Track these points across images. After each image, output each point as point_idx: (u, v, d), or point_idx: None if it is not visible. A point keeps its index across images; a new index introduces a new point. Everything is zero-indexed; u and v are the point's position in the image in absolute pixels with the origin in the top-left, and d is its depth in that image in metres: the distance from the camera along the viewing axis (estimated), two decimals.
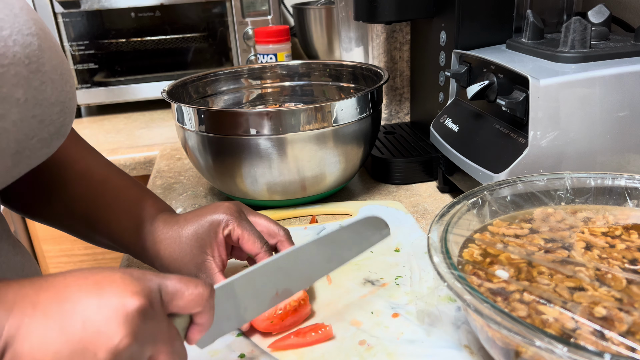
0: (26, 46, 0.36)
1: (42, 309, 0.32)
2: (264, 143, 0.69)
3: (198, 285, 0.38)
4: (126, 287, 0.33)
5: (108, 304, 0.32)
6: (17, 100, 0.35)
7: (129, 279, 0.34)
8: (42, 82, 0.37)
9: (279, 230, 0.55)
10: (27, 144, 0.37)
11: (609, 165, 0.60)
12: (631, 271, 0.43)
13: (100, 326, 0.32)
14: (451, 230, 0.47)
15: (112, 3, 1.25)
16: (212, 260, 0.52)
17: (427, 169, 0.83)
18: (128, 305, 0.33)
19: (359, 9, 0.81)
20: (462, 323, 0.50)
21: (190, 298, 0.37)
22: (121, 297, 0.33)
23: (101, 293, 0.33)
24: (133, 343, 0.32)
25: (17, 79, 0.35)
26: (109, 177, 0.56)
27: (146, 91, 1.33)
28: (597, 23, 0.66)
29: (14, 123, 0.35)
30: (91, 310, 0.32)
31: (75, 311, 0.32)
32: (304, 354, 0.48)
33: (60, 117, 0.40)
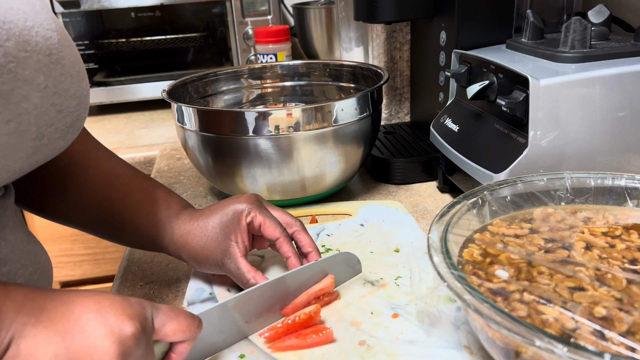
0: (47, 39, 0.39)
1: (48, 315, 0.34)
2: (264, 143, 0.69)
3: (187, 316, 0.41)
4: (124, 311, 0.36)
5: (107, 323, 0.35)
6: (38, 85, 0.37)
7: (127, 304, 0.37)
8: (61, 73, 0.40)
9: (294, 221, 0.59)
10: (46, 131, 0.39)
11: (609, 165, 0.60)
12: (631, 271, 0.43)
13: (97, 341, 0.34)
14: (451, 230, 0.47)
15: (112, 3, 1.25)
16: (235, 245, 0.55)
17: (427, 169, 0.83)
18: (124, 328, 0.36)
19: (359, 9, 0.81)
20: (462, 323, 0.50)
21: (179, 328, 0.40)
22: (119, 319, 0.36)
23: (102, 312, 0.36)
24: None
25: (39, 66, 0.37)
26: (134, 179, 0.59)
27: (146, 91, 1.33)
28: (597, 23, 0.66)
29: (34, 106, 0.37)
30: (91, 325, 0.35)
31: (78, 322, 0.35)
32: (303, 354, 0.48)
33: (77, 110, 0.43)
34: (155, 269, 0.65)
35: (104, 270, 1.20)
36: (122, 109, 1.37)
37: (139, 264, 0.66)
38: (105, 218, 0.58)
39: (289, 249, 0.56)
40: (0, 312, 0.33)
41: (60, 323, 0.34)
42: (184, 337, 0.41)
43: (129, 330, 0.36)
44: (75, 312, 0.35)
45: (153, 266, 0.66)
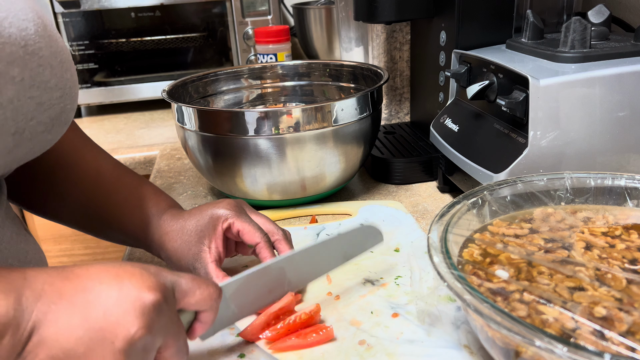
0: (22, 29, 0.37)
1: (68, 298, 0.34)
2: (264, 143, 0.69)
3: (209, 285, 0.41)
4: (144, 282, 0.36)
5: (127, 296, 0.35)
6: (12, 77, 0.36)
7: (146, 275, 0.37)
8: (39, 64, 0.38)
9: (277, 230, 0.58)
10: (27, 125, 0.38)
11: (609, 165, 0.60)
12: (631, 271, 0.43)
13: (119, 317, 0.35)
14: (451, 230, 0.47)
15: (112, 3, 1.25)
16: (207, 250, 0.54)
17: (427, 169, 0.83)
18: (145, 299, 0.36)
19: (359, 9, 0.81)
20: (462, 323, 0.50)
21: (200, 297, 0.41)
22: (139, 291, 0.36)
23: (121, 286, 0.36)
24: (147, 334, 0.35)
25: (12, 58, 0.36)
26: (121, 176, 0.59)
27: (146, 91, 1.33)
28: (597, 23, 0.66)
29: (10, 100, 0.36)
30: (111, 301, 0.35)
31: (97, 302, 0.35)
32: (303, 354, 0.48)
33: (60, 102, 0.41)
34: None
35: None
36: (122, 109, 1.37)
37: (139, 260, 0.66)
38: (92, 215, 0.58)
39: (267, 255, 0.55)
40: (20, 303, 0.33)
41: (81, 305, 0.34)
42: (204, 306, 0.41)
43: (150, 301, 0.36)
44: (95, 291, 0.35)
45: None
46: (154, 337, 0.36)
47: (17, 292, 0.33)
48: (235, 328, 0.52)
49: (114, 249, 1.18)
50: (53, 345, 0.33)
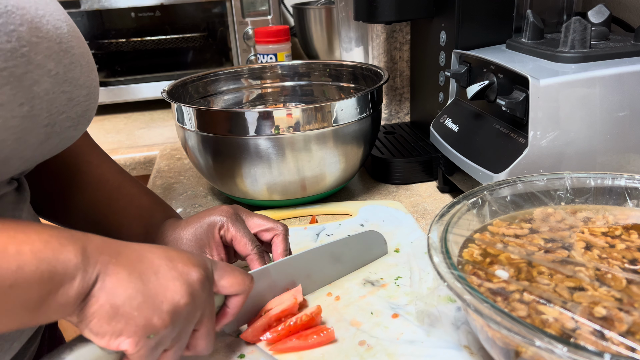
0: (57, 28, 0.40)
1: (126, 258, 0.39)
2: (264, 143, 0.69)
3: (243, 272, 0.46)
4: (190, 260, 0.42)
5: (176, 268, 0.40)
6: (49, 70, 0.39)
7: (191, 255, 0.42)
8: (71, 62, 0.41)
9: (276, 226, 0.58)
10: (57, 118, 0.41)
11: (609, 165, 0.60)
12: (631, 271, 0.43)
13: (169, 283, 0.39)
14: (451, 230, 0.47)
15: (112, 3, 1.25)
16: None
17: (427, 169, 0.83)
18: (192, 273, 0.41)
19: (359, 9, 0.81)
20: (462, 323, 0.50)
21: (235, 281, 0.45)
22: (186, 266, 0.41)
23: (171, 259, 0.41)
24: (191, 303, 0.40)
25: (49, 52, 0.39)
26: (122, 185, 0.60)
27: (146, 91, 1.33)
28: (597, 23, 0.66)
29: (46, 92, 0.39)
30: (163, 269, 0.40)
31: (151, 266, 0.40)
32: (304, 354, 0.48)
33: (87, 100, 0.44)
34: None
35: None
36: (122, 109, 1.37)
37: None
38: (93, 222, 0.59)
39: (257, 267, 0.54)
40: (86, 252, 0.37)
41: (137, 265, 0.39)
42: (238, 290, 0.45)
43: (195, 275, 0.41)
44: (149, 259, 0.40)
45: None
46: (195, 309, 0.41)
47: (82, 243, 0.37)
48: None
49: None
50: (114, 293, 0.37)
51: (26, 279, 0.34)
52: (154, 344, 0.39)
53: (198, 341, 0.43)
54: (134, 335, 0.38)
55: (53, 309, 0.36)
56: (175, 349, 0.41)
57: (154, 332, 0.38)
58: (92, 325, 0.37)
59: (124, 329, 0.37)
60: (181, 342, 0.42)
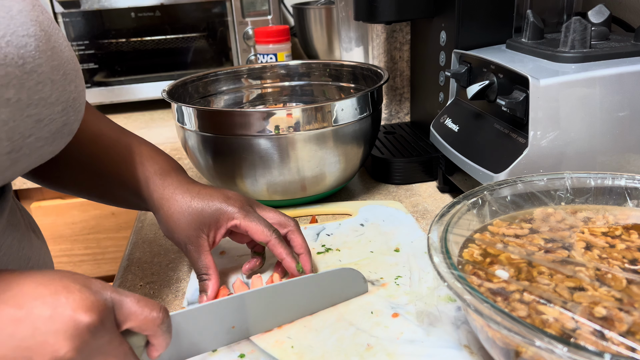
0: (21, 47, 0.36)
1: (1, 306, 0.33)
2: (264, 143, 0.69)
3: (153, 309, 0.39)
4: (81, 301, 0.35)
5: (60, 316, 0.34)
6: (7, 100, 0.35)
7: (86, 293, 0.35)
8: (38, 82, 0.37)
9: (288, 221, 0.58)
10: (23, 142, 0.37)
11: (609, 165, 0.60)
12: (631, 271, 0.43)
13: (49, 337, 0.33)
14: (451, 230, 0.47)
15: (112, 3, 1.25)
16: (205, 238, 0.55)
17: (427, 169, 0.83)
18: (79, 320, 0.34)
19: (359, 9, 0.81)
20: (461, 323, 0.50)
21: (143, 321, 0.39)
22: (74, 311, 0.34)
23: (56, 304, 0.34)
24: (77, 357, 0.34)
25: (7, 79, 0.35)
26: (120, 137, 0.59)
27: (146, 91, 1.33)
28: (597, 23, 0.66)
29: (4, 122, 0.35)
30: (42, 320, 0.33)
31: (28, 320, 0.33)
32: (304, 353, 0.48)
33: (63, 116, 0.40)
34: (155, 269, 0.65)
35: (104, 270, 1.20)
36: (122, 109, 1.37)
37: (139, 264, 0.66)
38: (94, 175, 0.58)
39: (282, 251, 0.55)
40: None
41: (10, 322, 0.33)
42: (148, 330, 0.40)
43: (84, 323, 0.34)
44: (27, 308, 0.34)
45: (153, 266, 0.66)
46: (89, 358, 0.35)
47: None
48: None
49: (114, 249, 1.18)
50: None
51: None
52: None
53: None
54: None
55: None
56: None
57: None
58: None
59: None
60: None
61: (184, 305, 0.57)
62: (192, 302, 0.57)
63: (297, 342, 0.50)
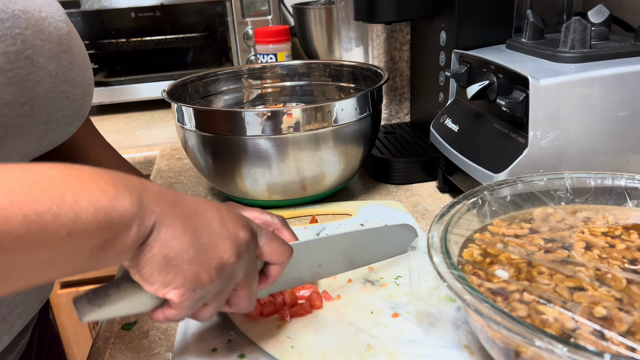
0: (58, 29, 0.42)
1: (181, 210, 0.40)
2: (264, 143, 0.69)
3: (285, 243, 0.48)
4: (239, 221, 0.43)
5: (227, 227, 0.42)
6: (49, 71, 0.40)
7: (241, 216, 0.44)
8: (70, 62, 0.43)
9: (272, 219, 0.58)
10: (54, 116, 0.42)
11: (609, 165, 0.60)
12: (631, 271, 0.43)
13: (219, 241, 0.41)
14: (451, 230, 0.47)
15: (112, 3, 1.25)
16: None
17: (427, 169, 0.83)
18: (239, 234, 0.42)
19: (359, 9, 0.81)
20: (461, 323, 0.50)
21: (276, 250, 0.46)
22: (236, 226, 0.42)
23: (223, 218, 0.42)
24: (236, 262, 0.41)
25: (51, 53, 0.40)
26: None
27: (146, 91, 1.33)
28: (597, 23, 0.66)
29: (46, 92, 0.40)
30: (216, 227, 0.41)
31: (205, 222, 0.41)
32: (304, 353, 0.48)
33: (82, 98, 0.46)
34: None
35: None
36: (122, 109, 1.37)
37: None
38: None
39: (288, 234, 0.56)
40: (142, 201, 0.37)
41: (192, 219, 0.40)
42: (277, 259, 0.47)
43: (242, 236, 0.42)
44: (202, 213, 0.41)
45: None
46: (239, 268, 0.42)
47: (139, 191, 0.37)
48: (236, 328, 0.52)
49: None
50: (167, 244, 0.38)
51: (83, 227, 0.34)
52: (197, 297, 0.40)
53: (239, 300, 0.45)
54: (181, 287, 0.39)
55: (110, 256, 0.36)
56: (216, 304, 0.43)
57: (200, 287, 0.40)
58: (143, 273, 0.38)
59: (173, 280, 0.39)
60: (221, 298, 0.43)
61: None
62: None
63: (297, 342, 0.50)
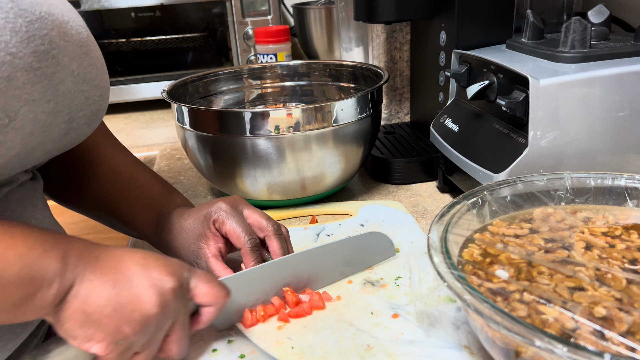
0: (79, 32, 0.44)
1: (103, 265, 0.41)
2: (264, 143, 0.69)
3: (219, 284, 0.47)
4: (166, 268, 0.43)
5: (150, 277, 0.41)
6: (72, 71, 0.43)
7: (168, 263, 0.43)
8: (90, 64, 0.45)
9: (267, 225, 0.57)
10: (76, 115, 0.44)
11: (609, 165, 0.60)
12: (631, 271, 0.43)
13: (142, 292, 0.41)
14: (451, 230, 0.47)
15: (112, 3, 1.25)
16: (206, 247, 0.57)
17: (427, 169, 0.83)
18: (165, 283, 0.42)
19: (359, 9, 0.81)
20: (462, 323, 0.50)
21: (209, 292, 0.46)
22: (160, 274, 0.42)
23: (147, 268, 0.42)
24: (161, 313, 0.41)
25: (73, 54, 0.43)
26: (135, 175, 0.63)
27: (146, 91, 1.33)
28: (597, 23, 0.66)
29: (69, 90, 0.42)
30: (137, 277, 0.41)
31: (126, 274, 0.41)
32: (304, 354, 0.48)
33: (100, 100, 0.48)
34: None
35: None
36: (122, 109, 1.37)
37: None
38: (107, 210, 0.62)
39: (248, 261, 0.55)
40: (66, 258, 0.39)
41: (112, 273, 0.40)
42: (211, 302, 0.46)
43: (168, 285, 0.42)
44: (125, 265, 0.41)
45: None
46: (166, 317, 0.42)
47: (64, 248, 0.39)
48: (236, 328, 0.52)
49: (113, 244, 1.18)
50: (85, 300, 0.39)
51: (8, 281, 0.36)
52: (122, 349, 0.41)
53: (170, 346, 0.45)
54: (103, 340, 0.40)
55: (30, 310, 0.38)
56: (146, 353, 0.43)
57: (123, 339, 0.40)
58: (65, 328, 0.39)
59: (94, 334, 0.39)
60: (152, 347, 0.43)
61: None
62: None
63: (297, 342, 0.50)
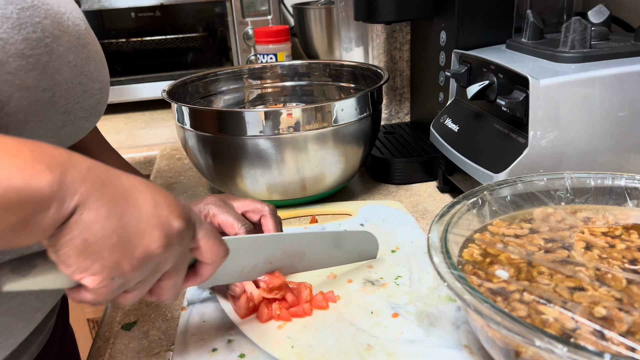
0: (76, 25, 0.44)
1: (110, 192, 0.37)
2: (264, 143, 0.69)
3: (220, 242, 0.44)
4: (176, 209, 0.40)
5: (159, 215, 0.38)
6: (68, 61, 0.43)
7: (179, 204, 0.41)
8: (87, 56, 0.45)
9: (262, 206, 0.59)
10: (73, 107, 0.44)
11: (609, 165, 0.60)
12: (631, 271, 0.43)
13: (148, 229, 0.38)
14: (451, 230, 0.47)
15: (112, 3, 1.25)
16: None
17: (427, 169, 0.83)
18: (173, 223, 0.39)
19: (359, 9, 0.81)
20: (461, 323, 0.50)
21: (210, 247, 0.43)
22: (170, 214, 0.39)
23: (157, 205, 0.39)
24: (163, 253, 0.38)
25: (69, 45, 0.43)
26: None
27: (146, 91, 1.33)
28: (597, 23, 0.66)
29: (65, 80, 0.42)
30: (146, 214, 0.38)
31: (135, 208, 0.38)
32: (303, 353, 0.48)
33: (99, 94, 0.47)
34: None
35: None
36: (122, 109, 1.37)
37: None
38: None
39: None
40: (65, 181, 0.34)
41: (121, 203, 0.37)
42: (210, 257, 0.44)
43: (176, 226, 0.39)
44: (133, 197, 0.38)
45: None
46: (167, 260, 0.40)
47: (63, 170, 0.35)
48: (236, 328, 0.52)
49: None
50: (88, 228, 0.35)
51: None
52: (116, 285, 0.38)
53: (163, 290, 0.43)
54: (99, 274, 0.37)
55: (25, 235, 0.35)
56: (137, 292, 0.41)
57: (120, 275, 0.37)
58: (61, 254, 0.36)
59: (91, 266, 0.36)
60: (144, 287, 0.41)
61: (184, 306, 0.57)
62: (192, 302, 0.57)
63: (297, 342, 0.50)
